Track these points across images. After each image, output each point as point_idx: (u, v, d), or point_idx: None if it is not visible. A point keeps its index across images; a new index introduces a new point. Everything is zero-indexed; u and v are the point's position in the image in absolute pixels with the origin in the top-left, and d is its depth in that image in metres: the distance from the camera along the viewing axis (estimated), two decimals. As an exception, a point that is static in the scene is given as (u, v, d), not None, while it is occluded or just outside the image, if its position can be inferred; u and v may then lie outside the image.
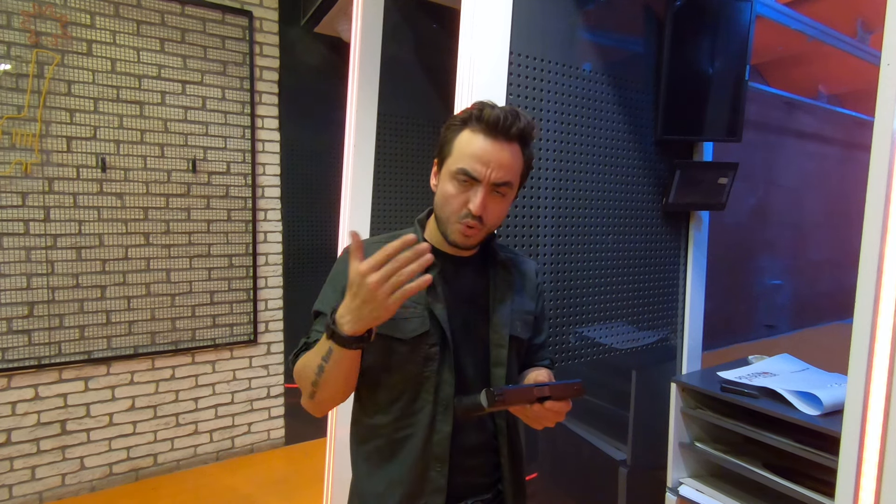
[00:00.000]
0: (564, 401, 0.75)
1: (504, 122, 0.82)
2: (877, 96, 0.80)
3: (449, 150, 0.86)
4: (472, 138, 0.83)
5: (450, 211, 0.85)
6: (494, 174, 0.82)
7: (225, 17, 2.67)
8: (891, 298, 0.80)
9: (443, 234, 0.88)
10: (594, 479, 1.62)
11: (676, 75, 1.56)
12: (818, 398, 1.21)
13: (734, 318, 2.10)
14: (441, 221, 0.87)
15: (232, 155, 2.73)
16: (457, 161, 0.83)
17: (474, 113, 0.84)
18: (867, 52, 2.37)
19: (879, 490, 0.81)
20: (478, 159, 0.82)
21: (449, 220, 0.85)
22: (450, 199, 0.84)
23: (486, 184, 0.82)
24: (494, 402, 0.70)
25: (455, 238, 0.86)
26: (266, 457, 2.89)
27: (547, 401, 0.73)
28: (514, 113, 0.83)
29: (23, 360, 2.28)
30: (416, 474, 0.86)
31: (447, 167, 0.85)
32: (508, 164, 0.83)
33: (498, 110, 0.83)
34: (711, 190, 1.65)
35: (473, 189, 0.83)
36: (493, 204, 0.84)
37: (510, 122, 0.82)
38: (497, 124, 0.82)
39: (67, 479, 2.42)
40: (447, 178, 0.85)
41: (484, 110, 0.83)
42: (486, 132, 0.82)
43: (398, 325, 0.86)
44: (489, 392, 0.70)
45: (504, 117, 0.82)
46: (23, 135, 2.23)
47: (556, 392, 0.74)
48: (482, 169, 0.81)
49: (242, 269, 2.80)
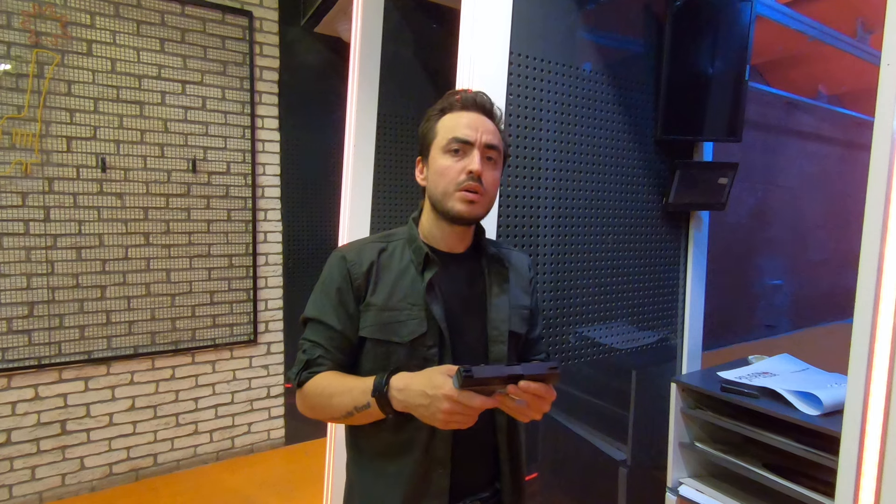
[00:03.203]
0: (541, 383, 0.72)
1: (479, 99, 0.90)
2: (877, 96, 0.80)
3: (433, 135, 0.89)
4: (456, 116, 0.89)
5: (447, 181, 0.86)
6: (485, 136, 0.87)
7: (225, 17, 2.67)
8: (891, 298, 0.80)
9: (442, 211, 0.87)
10: (594, 479, 1.62)
11: (676, 75, 1.56)
12: (818, 398, 1.21)
13: (734, 318, 2.10)
14: (439, 199, 0.87)
15: (232, 155, 2.73)
16: (445, 136, 0.87)
17: (449, 99, 0.90)
18: (867, 52, 2.37)
19: (879, 490, 0.81)
20: (466, 125, 0.87)
21: (447, 191, 0.86)
22: (446, 171, 0.86)
23: (479, 145, 0.86)
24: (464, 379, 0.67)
25: (458, 208, 0.86)
26: (266, 457, 2.89)
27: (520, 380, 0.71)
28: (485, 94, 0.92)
29: (23, 360, 2.28)
30: (419, 477, 0.85)
31: (436, 147, 0.88)
32: (493, 129, 0.89)
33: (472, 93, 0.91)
34: (711, 190, 1.65)
35: (468, 154, 0.86)
36: (486, 169, 0.87)
37: (486, 100, 0.90)
38: (474, 100, 0.89)
39: (67, 479, 2.42)
40: (438, 154, 0.88)
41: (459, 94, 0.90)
42: (465, 108, 0.89)
43: (395, 328, 0.86)
44: (459, 371, 0.68)
45: (479, 95, 0.90)
46: (23, 135, 2.23)
47: (528, 371, 0.71)
48: (473, 133, 0.86)
49: (242, 269, 2.80)
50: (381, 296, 0.87)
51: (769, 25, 2.01)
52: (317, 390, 0.85)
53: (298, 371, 0.88)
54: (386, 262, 0.89)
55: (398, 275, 0.88)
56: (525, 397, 0.72)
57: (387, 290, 0.87)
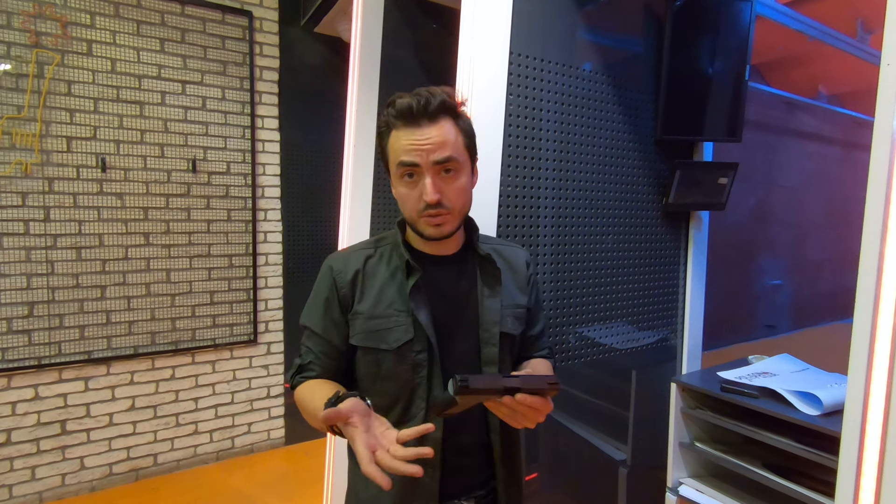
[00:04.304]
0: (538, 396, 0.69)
1: (417, 105, 0.80)
2: (877, 96, 0.80)
3: (386, 156, 0.85)
4: (398, 135, 0.82)
5: (409, 209, 0.84)
6: (432, 155, 0.80)
7: (225, 17, 2.67)
8: (891, 298, 0.80)
9: (417, 233, 0.87)
10: (594, 479, 1.62)
11: (676, 75, 1.56)
12: (818, 398, 1.21)
13: (734, 318, 2.10)
14: (410, 223, 0.87)
15: (232, 155, 2.73)
16: (394, 161, 0.83)
17: (388, 111, 0.83)
18: (867, 52, 2.37)
19: (879, 490, 0.81)
20: (409, 148, 0.80)
21: (412, 218, 0.85)
22: (405, 199, 0.84)
23: (427, 168, 0.80)
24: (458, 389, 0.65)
25: (428, 232, 0.84)
26: (266, 457, 2.89)
27: (517, 393, 0.68)
28: (424, 93, 0.81)
29: (23, 360, 2.28)
30: (409, 480, 0.85)
31: (392, 172, 0.85)
32: (441, 140, 0.80)
33: (406, 97, 0.81)
34: (711, 190, 1.65)
35: (420, 178, 0.81)
36: (446, 185, 0.82)
37: (423, 102, 0.80)
38: (411, 110, 0.80)
39: (67, 479, 2.42)
40: (396, 181, 0.85)
41: (395, 103, 0.81)
42: (405, 123, 0.81)
43: (381, 335, 0.86)
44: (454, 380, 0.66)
45: (416, 102, 0.80)
46: (23, 135, 2.23)
47: (526, 384, 0.69)
48: (417, 155, 0.80)
49: (242, 269, 2.80)
50: (368, 304, 0.87)
51: (769, 25, 2.01)
52: (301, 399, 0.87)
53: (292, 375, 0.91)
54: (372, 269, 0.89)
55: (385, 281, 0.88)
56: (520, 409, 0.70)
57: (373, 298, 0.87)
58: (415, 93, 0.82)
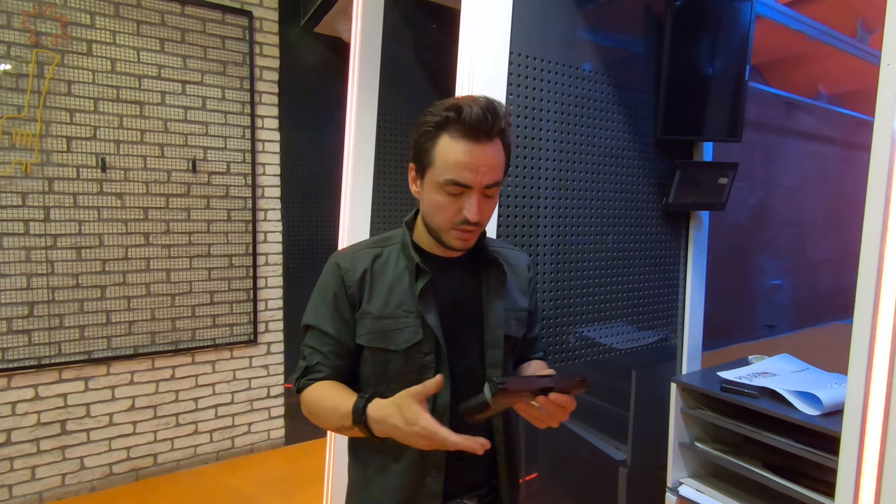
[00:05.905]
0: (569, 394, 0.73)
1: (485, 122, 0.76)
2: (877, 96, 0.80)
3: (430, 160, 0.80)
4: (454, 145, 0.77)
5: (442, 219, 0.82)
6: (485, 178, 0.78)
7: (225, 17, 2.67)
8: (891, 298, 0.80)
9: (437, 240, 0.86)
10: (594, 479, 1.62)
11: (676, 75, 1.56)
12: (818, 398, 1.21)
13: (734, 318, 2.10)
14: (433, 230, 0.85)
15: (232, 155, 2.73)
16: (443, 172, 0.78)
17: (451, 116, 0.77)
18: (867, 52, 2.37)
19: (879, 490, 0.81)
20: (466, 167, 0.77)
21: (442, 228, 0.83)
22: (442, 209, 0.81)
23: (478, 189, 0.79)
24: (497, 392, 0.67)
25: (453, 244, 0.84)
26: (266, 457, 2.89)
27: (551, 392, 0.71)
28: (492, 109, 0.77)
29: (23, 360, 2.28)
30: (413, 481, 0.86)
31: (432, 177, 0.80)
32: (496, 163, 0.79)
33: (477, 109, 0.76)
34: (711, 190, 1.65)
35: (466, 196, 0.79)
36: (485, 204, 0.82)
37: (492, 121, 0.76)
38: (479, 126, 0.76)
39: (67, 479, 2.42)
40: (434, 188, 0.80)
41: (462, 112, 0.76)
42: (467, 136, 0.77)
43: (390, 336, 0.85)
44: (492, 382, 0.67)
45: (485, 118, 0.76)
46: (23, 135, 2.23)
47: (559, 384, 0.72)
48: (472, 176, 0.77)
49: (242, 269, 2.80)
50: (377, 304, 0.87)
51: (769, 25, 2.01)
52: (312, 401, 0.86)
53: (298, 378, 0.89)
54: (380, 268, 0.89)
55: (393, 281, 0.88)
56: (551, 408, 0.72)
57: (382, 298, 0.87)
58: (483, 106, 0.76)
